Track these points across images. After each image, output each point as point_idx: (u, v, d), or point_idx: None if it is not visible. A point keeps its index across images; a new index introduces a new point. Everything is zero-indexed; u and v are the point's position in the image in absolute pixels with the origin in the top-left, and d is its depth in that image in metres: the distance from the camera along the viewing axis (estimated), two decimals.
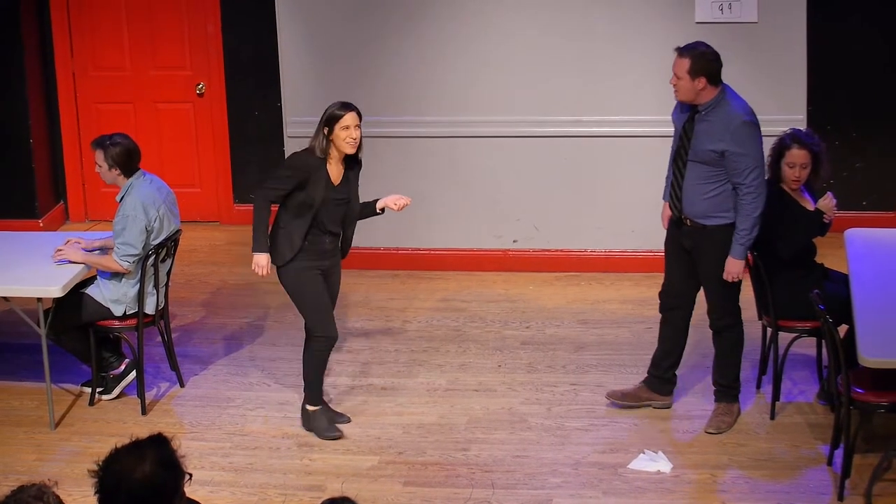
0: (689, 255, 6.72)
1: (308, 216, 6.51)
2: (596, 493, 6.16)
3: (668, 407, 6.94)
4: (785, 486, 6.12)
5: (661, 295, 6.95)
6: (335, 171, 6.55)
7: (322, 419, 6.79)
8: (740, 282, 6.66)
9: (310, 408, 6.82)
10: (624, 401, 6.94)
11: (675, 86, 6.50)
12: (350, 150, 6.49)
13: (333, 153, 6.51)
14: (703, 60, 6.39)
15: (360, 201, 6.73)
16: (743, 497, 6.06)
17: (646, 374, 7.01)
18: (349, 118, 6.47)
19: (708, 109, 6.45)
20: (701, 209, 6.55)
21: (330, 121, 6.49)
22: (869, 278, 6.54)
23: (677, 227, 6.74)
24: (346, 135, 6.46)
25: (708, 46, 6.48)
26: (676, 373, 7.00)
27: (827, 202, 6.72)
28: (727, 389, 6.80)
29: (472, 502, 6.13)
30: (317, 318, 6.68)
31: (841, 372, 5.94)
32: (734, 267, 6.50)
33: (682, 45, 6.52)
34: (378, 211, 6.75)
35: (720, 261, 6.54)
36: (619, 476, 6.30)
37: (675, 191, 6.67)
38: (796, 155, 6.66)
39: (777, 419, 6.77)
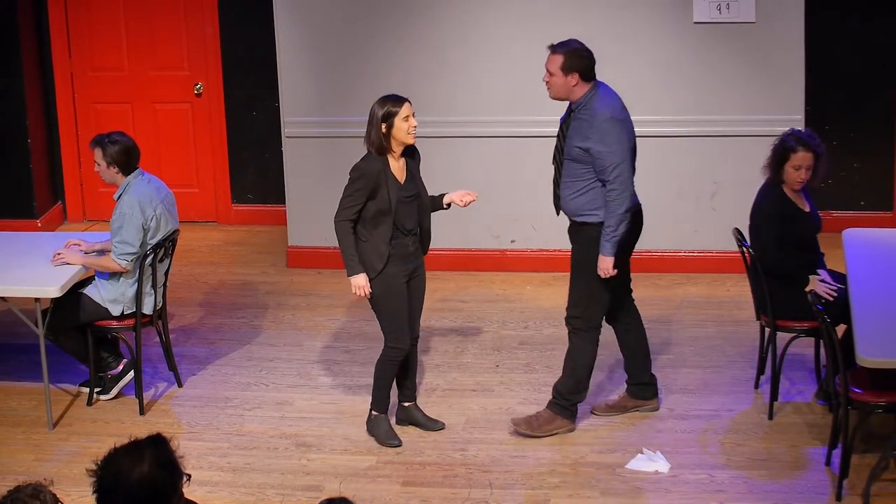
0: None
1: (388, 222, 6.42)
2: (594, 493, 6.16)
3: (656, 409, 6.93)
4: (783, 486, 6.12)
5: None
6: (398, 168, 6.49)
7: (383, 425, 6.72)
8: (607, 292, 6.56)
9: (374, 413, 6.75)
10: (610, 412, 6.91)
11: (547, 83, 6.47)
12: (412, 140, 6.45)
13: (392, 150, 6.46)
14: (576, 57, 6.38)
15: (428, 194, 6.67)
16: (741, 497, 6.06)
17: (625, 384, 7.02)
18: (406, 108, 6.42)
19: (580, 107, 6.45)
20: (573, 207, 6.52)
21: (388, 116, 6.41)
22: (867, 278, 6.54)
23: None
24: (407, 125, 6.41)
25: (581, 44, 6.46)
26: (654, 373, 6.99)
27: (815, 286, 6.64)
28: (555, 398, 6.70)
29: (469, 502, 6.13)
30: (395, 327, 6.58)
31: (839, 372, 5.94)
32: (604, 263, 6.42)
33: (555, 43, 6.49)
34: (444, 206, 6.67)
35: (586, 256, 6.49)
36: (617, 476, 6.30)
37: (555, 189, 6.63)
38: (802, 157, 6.64)
39: (775, 419, 6.77)
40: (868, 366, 5.70)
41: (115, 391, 7.28)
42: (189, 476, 3.79)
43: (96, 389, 7.26)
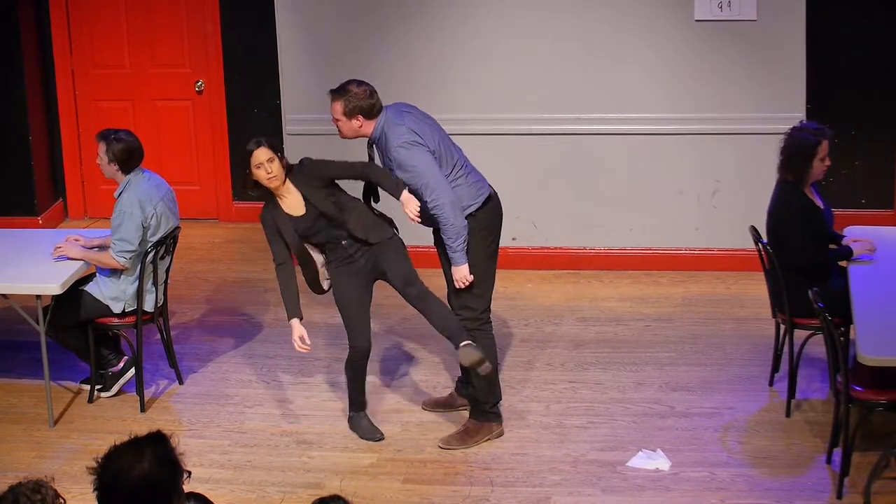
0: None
1: (303, 253, 6.48)
2: (594, 491, 6.16)
3: None
4: (784, 484, 6.12)
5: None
6: (290, 200, 6.45)
7: (362, 422, 6.75)
8: (484, 284, 6.54)
9: (349, 413, 6.79)
10: (436, 409, 6.96)
11: (336, 127, 6.49)
12: (274, 185, 6.38)
13: (272, 190, 6.43)
14: (354, 100, 6.38)
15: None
16: (741, 495, 6.07)
17: (456, 382, 7.05)
18: (259, 155, 6.36)
19: (376, 141, 6.47)
20: (429, 218, 6.48)
21: (247, 160, 6.42)
22: (867, 276, 6.54)
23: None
24: (262, 174, 6.36)
25: (359, 84, 6.44)
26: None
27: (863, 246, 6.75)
28: (476, 404, 6.68)
29: (470, 500, 6.13)
30: (348, 327, 6.60)
31: (840, 370, 5.94)
32: (459, 273, 6.41)
33: (334, 88, 6.46)
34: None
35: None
36: (618, 474, 6.30)
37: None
38: (825, 147, 6.69)
39: (775, 417, 6.77)
40: (869, 364, 5.70)
41: (115, 388, 7.28)
42: (189, 473, 3.79)
43: (97, 387, 7.26)
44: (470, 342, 6.32)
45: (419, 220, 6.35)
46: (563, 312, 8.31)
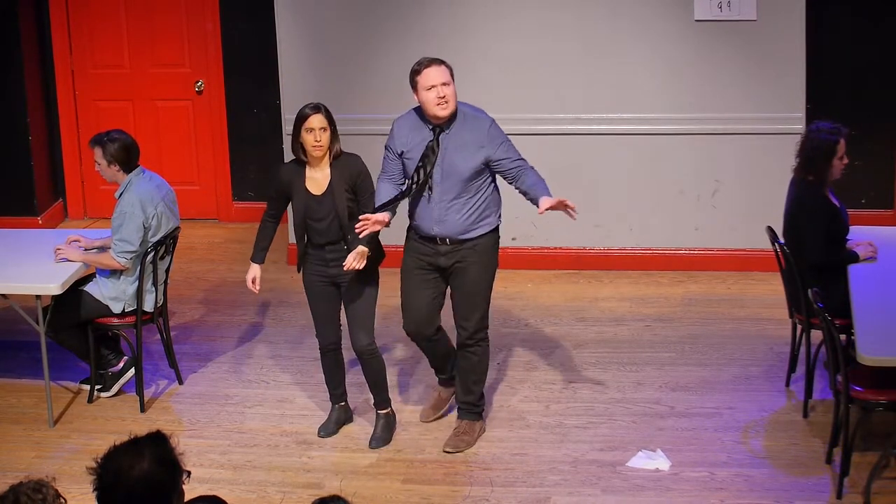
0: (441, 275, 6.52)
1: (302, 226, 6.44)
2: (594, 491, 6.16)
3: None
4: (783, 484, 6.12)
5: (409, 328, 6.65)
6: (318, 177, 6.38)
7: (329, 414, 6.83)
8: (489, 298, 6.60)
9: None
10: (436, 414, 6.93)
11: (447, 96, 6.30)
12: (317, 154, 6.29)
13: (313, 157, 6.35)
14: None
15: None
16: (741, 495, 6.07)
17: (438, 380, 6.98)
18: (314, 120, 6.24)
19: (452, 123, 6.34)
20: (466, 225, 6.37)
21: (297, 121, 6.28)
22: (867, 276, 6.54)
23: (429, 245, 6.46)
24: (310, 139, 6.25)
25: None
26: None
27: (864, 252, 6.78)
28: (471, 407, 6.68)
29: (470, 500, 6.14)
30: (314, 323, 6.67)
31: (840, 370, 5.94)
32: (555, 202, 6.30)
33: (435, 59, 6.46)
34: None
35: (487, 269, 6.47)
36: (618, 474, 6.30)
37: (437, 216, 6.39)
38: (843, 145, 6.67)
39: (775, 417, 6.77)
40: (868, 364, 5.70)
41: (115, 388, 7.28)
42: (189, 473, 3.79)
43: (97, 387, 7.26)
44: (390, 413, 6.70)
45: (345, 265, 6.30)
46: (563, 312, 8.31)
